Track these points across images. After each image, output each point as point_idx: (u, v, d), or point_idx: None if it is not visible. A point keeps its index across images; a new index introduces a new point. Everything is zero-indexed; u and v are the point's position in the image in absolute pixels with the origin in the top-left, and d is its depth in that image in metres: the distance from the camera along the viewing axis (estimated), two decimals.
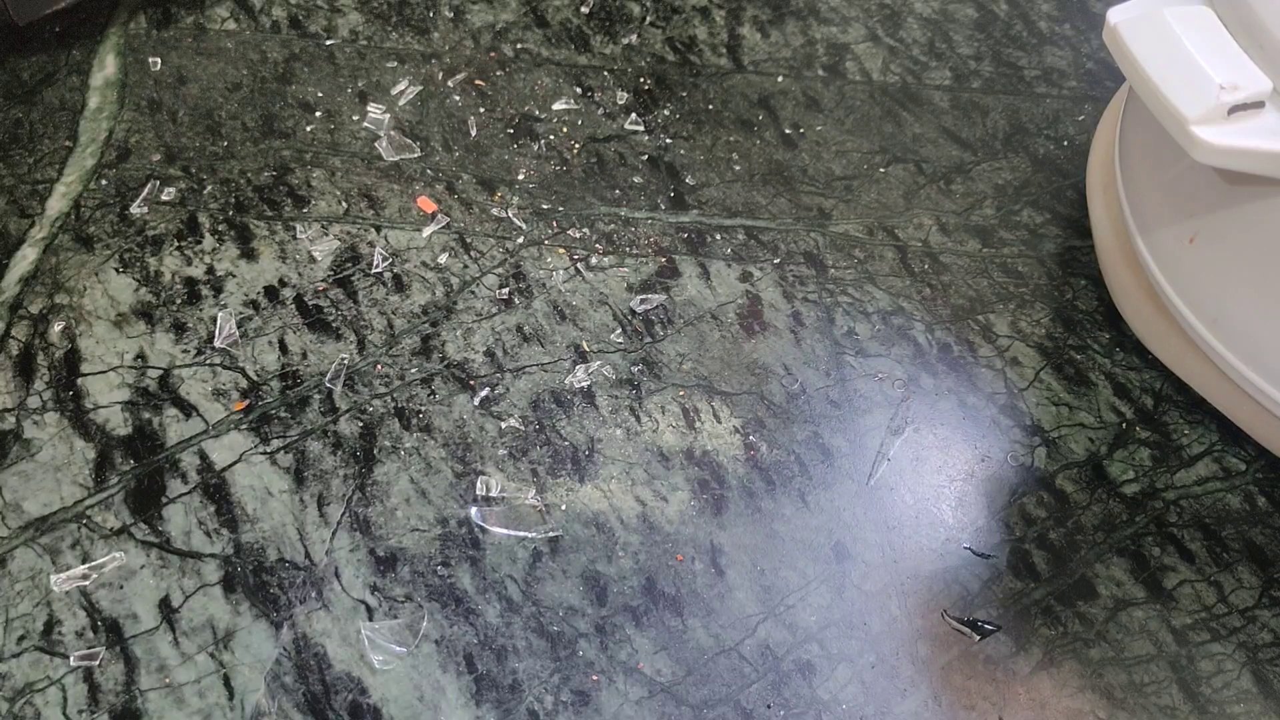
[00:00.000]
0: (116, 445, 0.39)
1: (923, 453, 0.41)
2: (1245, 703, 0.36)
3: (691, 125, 0.50)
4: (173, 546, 0.38)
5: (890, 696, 0.36)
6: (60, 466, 0.39)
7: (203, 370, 0.41)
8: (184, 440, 0.39)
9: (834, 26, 0.54)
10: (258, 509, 0.38)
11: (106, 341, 0.41)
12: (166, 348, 0.42)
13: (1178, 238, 0.38)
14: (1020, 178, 0.48)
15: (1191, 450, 0.41)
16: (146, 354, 0.41)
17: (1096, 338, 0.44)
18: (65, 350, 0.41)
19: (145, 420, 0.40)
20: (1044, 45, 0.53)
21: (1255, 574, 0.38)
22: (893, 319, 0.44)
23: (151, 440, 0.39)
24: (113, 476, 0.39)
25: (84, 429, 0.39)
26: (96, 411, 0.40)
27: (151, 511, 0.38)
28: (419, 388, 0.41)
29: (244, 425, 0.40)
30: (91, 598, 0.37)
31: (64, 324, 0.42)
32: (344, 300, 0.43)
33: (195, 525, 0.38)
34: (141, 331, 0.42)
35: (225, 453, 0.39)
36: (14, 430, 0.40)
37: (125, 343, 0.41)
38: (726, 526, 0.39)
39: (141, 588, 0.37)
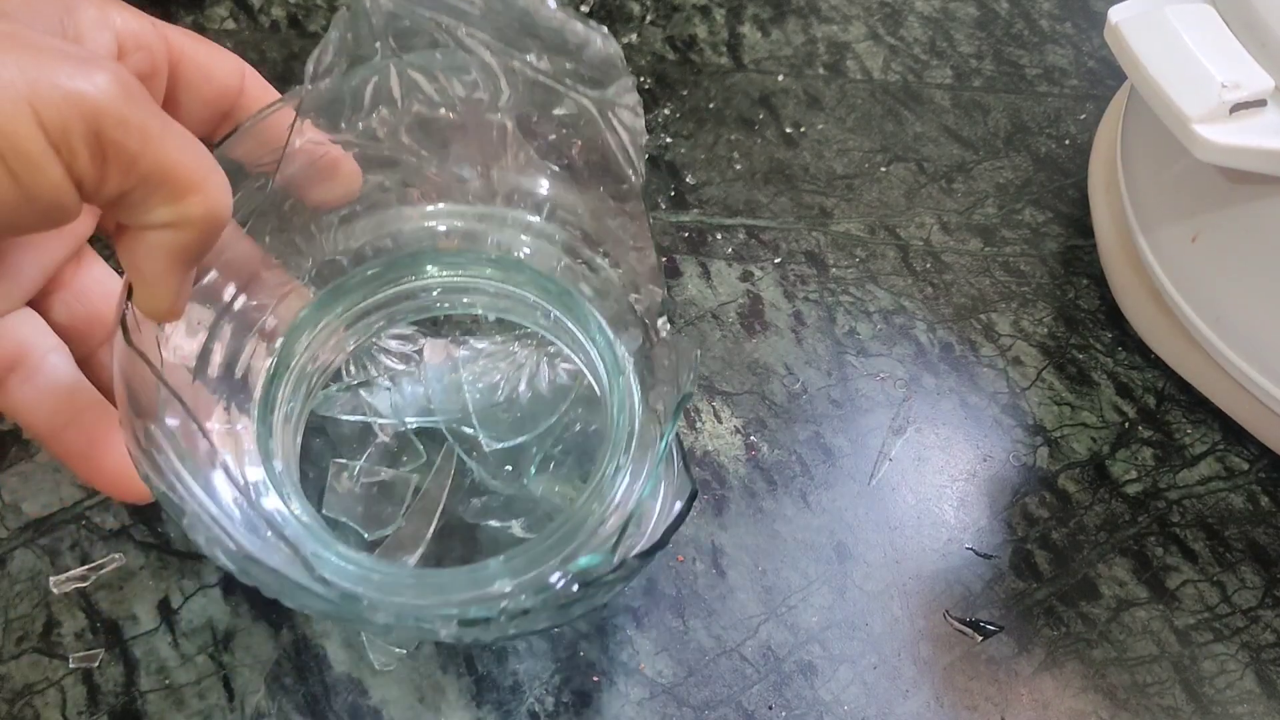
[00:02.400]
0: None
1: (925, 452, 0.41)
2: (1249, 703, 0.36)
3: (692, 124, 0.50)
4: (172, 548, 0.38)
5: (892, 697, 0.36)
6: (59, 468, 0.39)
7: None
8: None
9: (835, 25, 0.54)
10: None
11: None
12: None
13: (1180, 237, 0.38)
14: (1022, 176, 0.48)
15: (1194, 450, 0.41)
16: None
17: (1099, 337, 0.44)
18: None
19: None
20: (1045, 44, 0.53)
21: (1258, 574, 0.38)
22: (894, 318, 0.44)
23: None
24: None
25: None
26: None
27: (150, 513, 0.38)
28: None
29: None
30: (91, 599, 0.37)
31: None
32: None
33: None
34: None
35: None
36: (13, 431, 0.40)
37: None
38: (728, 527, 0.39)
39: (141, 589, 0.37)
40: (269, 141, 0.31)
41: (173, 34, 0.29)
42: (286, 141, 0.30)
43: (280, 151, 0.31)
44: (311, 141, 0.31)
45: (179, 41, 0.29)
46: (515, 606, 0.26)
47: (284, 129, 0.30)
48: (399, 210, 0.35)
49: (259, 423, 0.32)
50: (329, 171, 0.32)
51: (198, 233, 0.24)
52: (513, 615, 0.26)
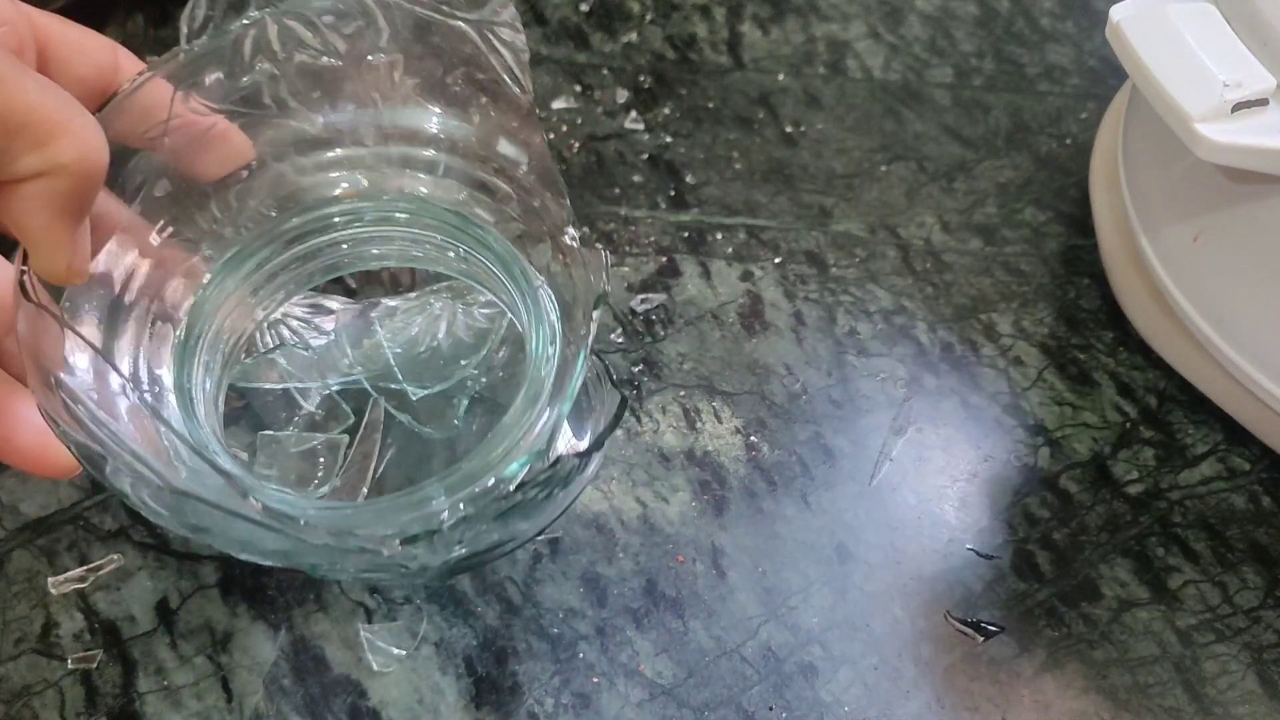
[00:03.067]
0: None
1: (925, 453, 0.41)
2: (1250, 704, 0.36)
3: (691, 123, 0.50)
4: (170, 549, 0.38)
5: (893, 698, 0.35)
6: None
7: None
8: None
9: (835, 24, 0.54)
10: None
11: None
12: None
13: (1182, 236, 0.38)
14: (1022, 176, 0.48)
15: (1196, 450, 0.41)
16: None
17: (1100, 337, 0.43)
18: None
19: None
20: (1046, 42, 0.53)
21: (1260, 574, 0.38)
22: (895, 318, 0.44)
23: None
24: None
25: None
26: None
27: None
28: None
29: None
30: (89, 600, 0.37)
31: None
32: None
33: None
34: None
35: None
36: None
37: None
38: (728, 527, 0.39)
39: (139, 590, 0.37)
40: (151, 114, 0.30)
41: (38, 16, 0.29)
42: (169, 112, 0.30)
43: (164, 123, 0.30)
44: (196, 112, 0.31)
45: (45, 23, 0.29)
46: (454, 516, 0.26)
47: (165, 100, 0.30)
48: (293, 165, 0.34)
49: (176, 390, 0.32)
50: (217, 142, 0.32)
51: (72, 179, 0.23)
52: (453, 525, 0.26)
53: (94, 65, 0.30)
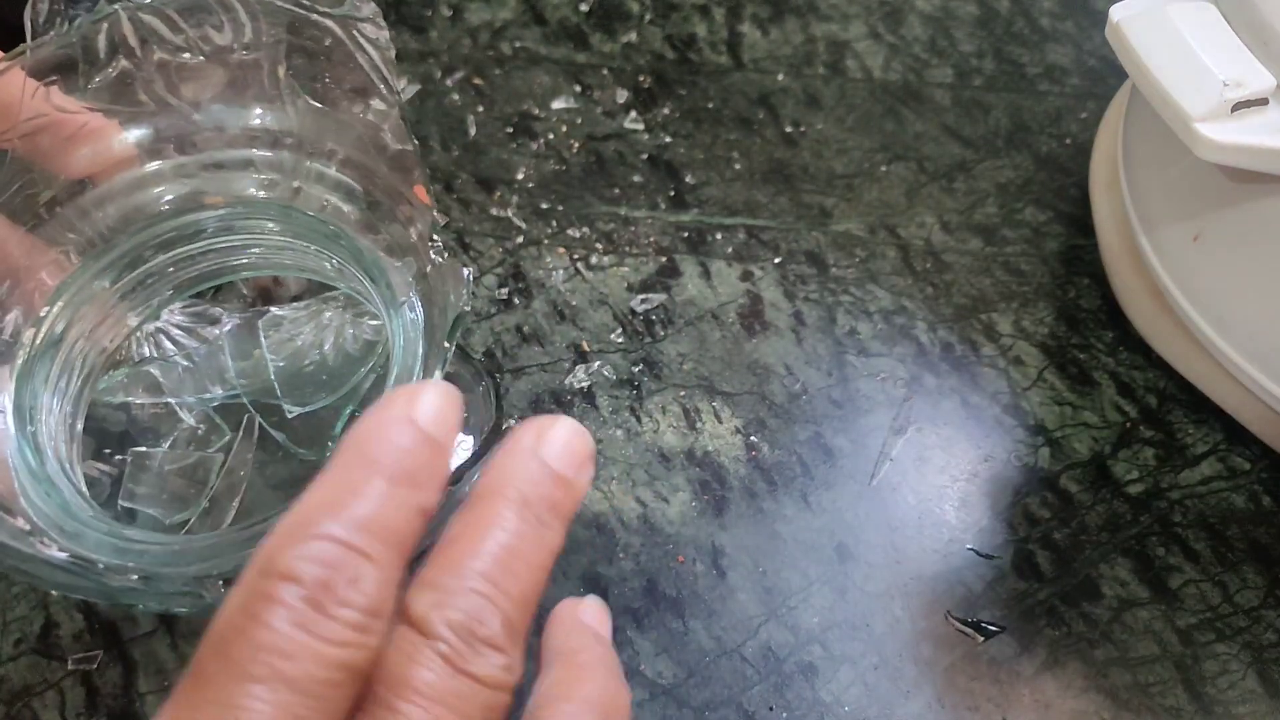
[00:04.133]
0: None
1: (926, 453, 0.41)
2: (1251, 703, 0.36)
3: (691, 124, 0.50)
4: None
5: (893, 698, 0.35)
6: None
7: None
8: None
9: (834, 24, 0.54)
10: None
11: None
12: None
13: (1182, 236, 0.38)
14: (1023, 176, 0.48)
15: (1196, 450, 0.41)
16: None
17: (1100, 337, 0.43)
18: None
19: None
20: (1046, 42, 0.53)
21: (1260, 574, 0.38)
22: (895, 318, 0.44)
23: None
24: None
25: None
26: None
27: None
28: None
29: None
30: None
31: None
32: None
33: None
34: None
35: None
36: None
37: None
38: (728, 527, 0.39)
39: None
40: (6, 110, 0.29)
41: None
42: (25, 107, 0.29)
43: (15, 120, 0.29)
44: (61, 109, 0.29)
45: None
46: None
47: (17, 96, 0.29)
48: (158, 169, 0.33)
49: (14, 411, 0.30)
50: (90, 139, 0.30)
51: None
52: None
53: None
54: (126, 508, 0.34)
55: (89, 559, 0.25)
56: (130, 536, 0.27)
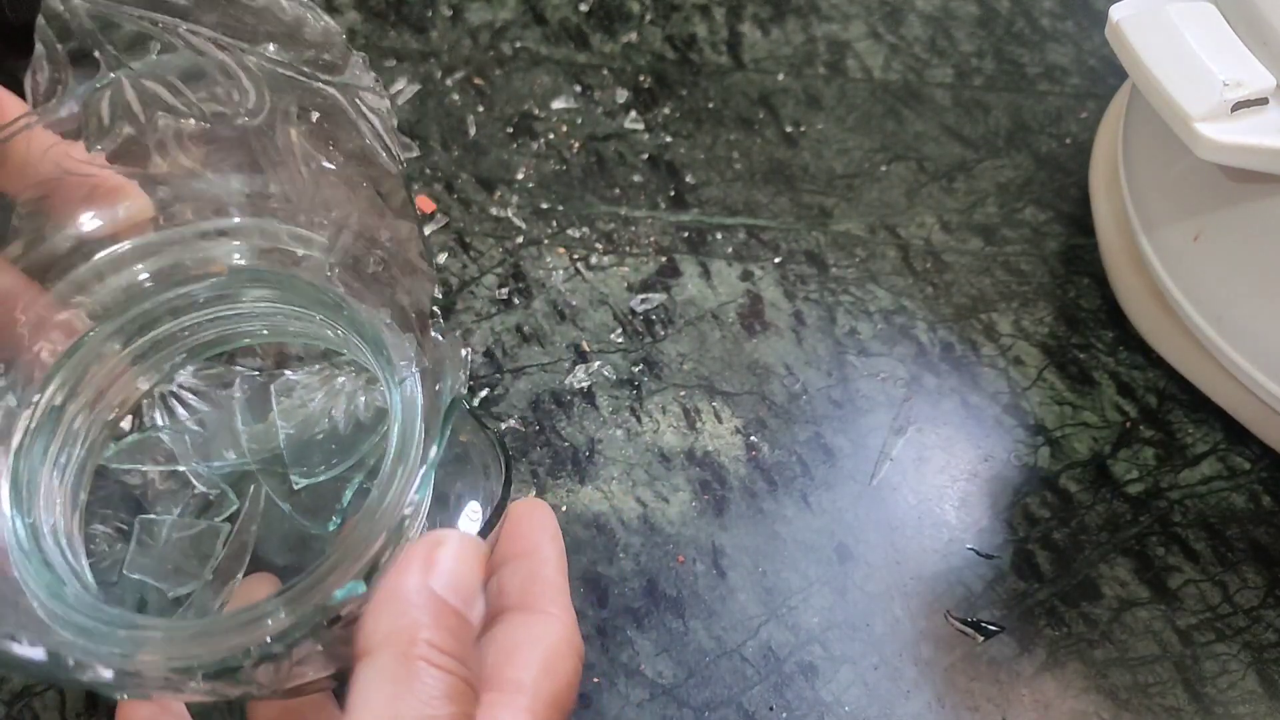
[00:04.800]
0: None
1: (925, 453, 0.41)
2: (1250, 703, 0.36)
3: (692, 124, 0.50)
4: None
5: (893, 698, 0.36)
6: None
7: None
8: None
9: (835, 24, 0.54)
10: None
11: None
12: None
13: (1182, 235, 0.38)
14: (1023, 175, 0.48)
15: (1196, 449, 0.41)
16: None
17: (1100, 336, 0.43)
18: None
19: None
20: (1046, 42, 0.53)
21: (1260, 573, 0.38)
22: (895, 318, 0.44)
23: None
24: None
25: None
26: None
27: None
28: None
29: None
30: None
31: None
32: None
33: None
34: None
35: None
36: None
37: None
38: (728, 528, 0.39)
39: None
40: (30, 166, 0.29)
41: None
42: (34, 164, 0.28)
43: (34, 178, 0.28)
44: (82, 166, 0.29)
45: None
46: (261, 652, 0.23)
47: (40, 152, 0.28)
48: (162, 235, 0.32)
49: (12, 477, 0.29)
50: (111, 197, 0.30)
51: None
52: (261, 660, 0.23)
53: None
54: (134, 578, 0.33)
55: (59, 657, 0.24)
56: (114, 619, 0.27)
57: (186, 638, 0.26)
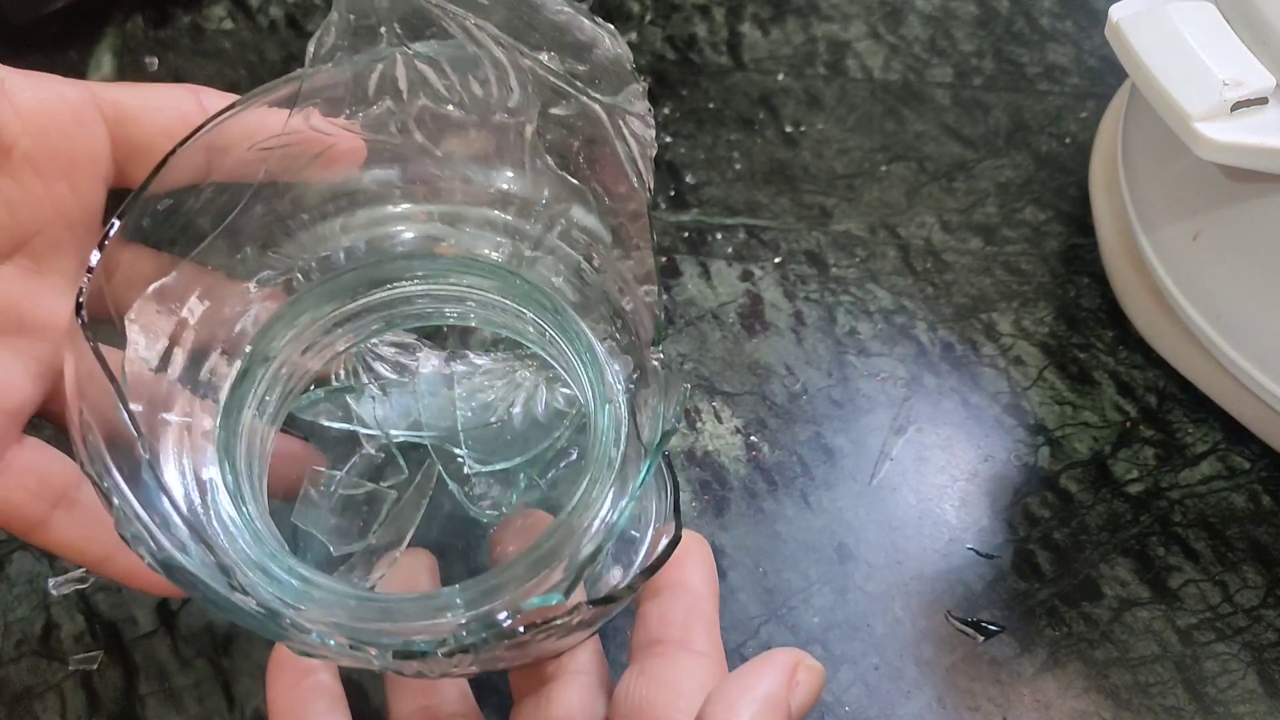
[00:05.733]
0: None
1: (926, 453, 0.41)
2: (1251, 702, 0.36)
3: (692, 124, 0.50)
4: None
5: (894, 698, 0.36)
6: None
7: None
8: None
9: (835, 24, 0.54)
10: None
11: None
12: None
13: (1181, 235, 0.38)
14: (1023, 175, 0.48)
15: (1196, 449, 0.41)
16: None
17: (1100, 336, 0.43)
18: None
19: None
20: (1046, 42, 0.53)
21: (1260, 573, 0.38)
22: (895, 318, 0.44)
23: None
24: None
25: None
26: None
27: None
28: None
29: None
30: (90, 601, 0.37)
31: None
32: None
33: None
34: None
35: None
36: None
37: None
38: (728, 527, 0.39)
39: (140, 592, 0.37)
40: (248, 138, 0.30)
41: (103, 89, 0.30)
42: (284, 127, 0.30)
43: (277, 136, 0.30)
44: (317, 129, 0.30)
45: (112, 94, 0.30)
46: (456, 643, 0.24)
47: (264, 124, 0.30)
48: (396, 209, 0.34)
49: (221, 424, 0.31)
50: (330, 160, 0.31)
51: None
52: (452, 652, 0.24)
53: (175, 115, 0.30)
54: (300, 527, 0.34)
55: (275, 611, 0.25)
56: (309, 579, 0.28)
57: (375, 611, 0.27)
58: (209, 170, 0.30)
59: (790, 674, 0.26)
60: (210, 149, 0.30)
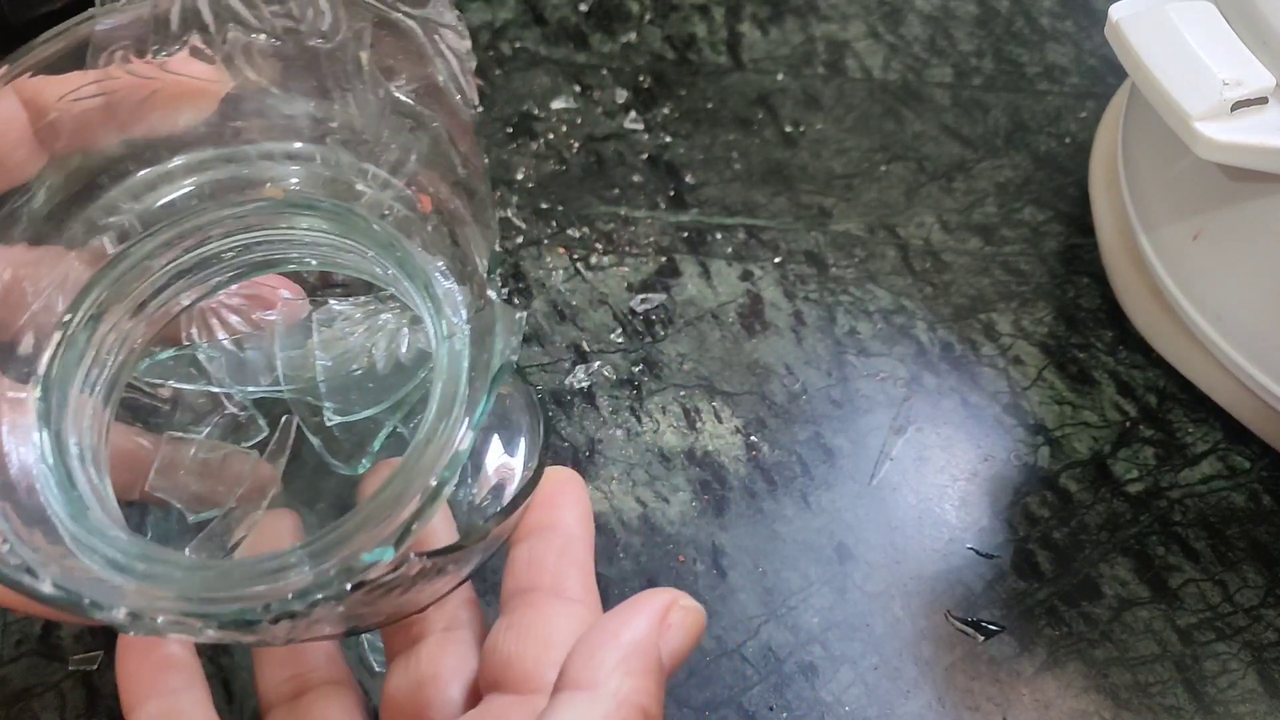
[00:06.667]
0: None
1: (925, 452, 0.41)
2: (1251, 702, 0.36)
3: (691, 124, 0.50)
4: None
5: (894, 698, 0.35)
6: None
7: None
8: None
9: (834, 24, 0.54)
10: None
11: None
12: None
13: (1181, 235, 0.38)
14: (1022, 175, 0.48)
15: (1196, 449, 0.41)
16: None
17: (1100, 336, 0.43)
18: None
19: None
20: (1046, 41, 0.53)
21: (1260, 573, 0.38)
22: (894, 318, 0.44)
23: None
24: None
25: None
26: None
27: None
28: None
29: None
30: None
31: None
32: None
33: None
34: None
35: None
36: None
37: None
38: (728, 527, 0.39)
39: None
40: (52, 88, 0.28)
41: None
42: (92, 76, 0.27)
43: (90, 84, 0.27)
44: (142, 68, 0.28)
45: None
46: (281, 609, 0.22)
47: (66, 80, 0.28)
48: (222, 153, 0.31)
49: (41, 395, 0.28)
50: (169, 104, 0.29)
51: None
52: (278, 618, 0.22)
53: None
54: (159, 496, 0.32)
55: (74, 594, 0.23)
56: (134, 550, 0.26)
57: (206, 580, 0.25)
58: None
59: (660, 617, 0.24)
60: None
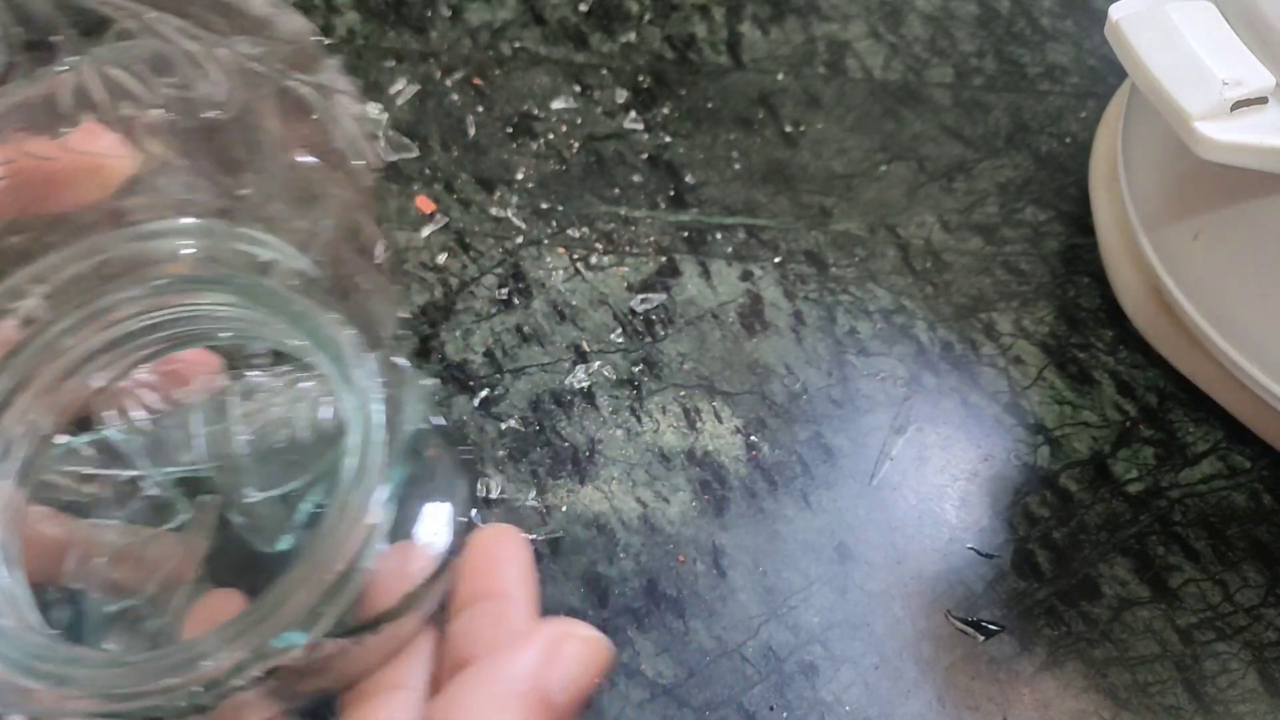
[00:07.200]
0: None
1: (926, 452, 0.41)
2: (1251, 702, 0.36)
3: (691, 123, 0.50)
4: None
5: (894, 698, 0.36)
6: None
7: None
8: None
9: (834, 23, 0.54)
10: None
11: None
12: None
13: (1181, 234, 0.38)
14: (1022, 175, 0.48)
15: (1196, 448, 0.41)
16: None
17: (1100, 335, 0.43)
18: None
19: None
20: (1046, 42, 0.53)
21: (1260, 572, 0.38)
22: (895, 317, 0.44)
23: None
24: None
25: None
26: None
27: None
28: None
29: None
30: None
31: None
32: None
33: None
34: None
35: None
36: None
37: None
38: (728, 527, 0.39)
39: None
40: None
41: None
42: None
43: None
44: (44, 149, 0.27)
45: None
46: (191, 701, 0.22)
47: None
48: (121, 231, 0.31)
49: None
50: (68, 181, 0.28)
51: None
52: (188, 713, 0.21)
53: None
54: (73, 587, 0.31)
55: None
56: (41, 650, 0.25)
57: (116, 676, 0.24)
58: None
59: (546, 651, 0.22)
60: None
